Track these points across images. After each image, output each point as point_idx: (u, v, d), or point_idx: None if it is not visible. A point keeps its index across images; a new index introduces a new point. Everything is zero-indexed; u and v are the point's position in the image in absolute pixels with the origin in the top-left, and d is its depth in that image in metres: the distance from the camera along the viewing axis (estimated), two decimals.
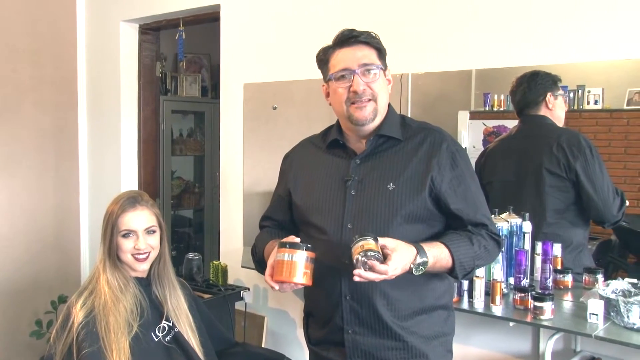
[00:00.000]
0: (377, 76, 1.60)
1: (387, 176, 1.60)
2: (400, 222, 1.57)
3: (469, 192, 1.61)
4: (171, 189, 4.82)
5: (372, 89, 1.59)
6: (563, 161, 2.16)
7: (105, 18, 3.77)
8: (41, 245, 3.78)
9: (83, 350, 1.66)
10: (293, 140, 1.89)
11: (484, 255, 1.61)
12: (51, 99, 3.80)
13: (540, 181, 2.21)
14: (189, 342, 1.83)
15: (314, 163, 1.74)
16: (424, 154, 1.60)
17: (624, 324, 1.86)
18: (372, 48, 1.62)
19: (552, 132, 2.24)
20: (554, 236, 2.19)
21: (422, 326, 1.62)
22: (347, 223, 1.60)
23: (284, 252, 1.49)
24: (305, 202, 1.71)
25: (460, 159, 1.62)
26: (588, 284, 2.15)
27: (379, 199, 1.59)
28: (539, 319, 1.94)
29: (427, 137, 1.63)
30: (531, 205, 2.22)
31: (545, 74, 2.22)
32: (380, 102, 1.62)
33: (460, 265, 1.54)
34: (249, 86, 3.10)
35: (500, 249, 1.67)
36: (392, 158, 1.62)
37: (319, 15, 2.82)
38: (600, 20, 2.12)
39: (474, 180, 1.66)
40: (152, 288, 1.86)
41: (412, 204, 1.57)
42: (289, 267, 1.47)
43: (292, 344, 2.99)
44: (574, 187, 2.17)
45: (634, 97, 2.12)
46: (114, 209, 1.82)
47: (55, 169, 3.85)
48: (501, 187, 2.33)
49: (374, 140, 1.64)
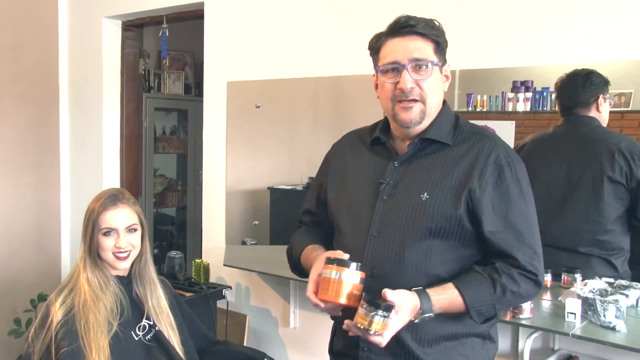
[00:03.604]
0: (429, 73, 1.42)
1: (423, 184, 1.43)
2: (428, 236, 1.41)
3: (510, 214, 1.40)
4: (154, 186, 4.79)
5: (421, 87, 1.42)
6: (626, 169, 2.07)
7: (88, 14, 3.74)
8: (21, 242, 3.73)
9: (62, 349, 1.65)
10: (276, 138, 1.89)
11: (511, 300, 1.42)
12: (32, 95, 3.75)
13: (600, 188, 2.11)
14: (169, 340, 1.82)
15: (354, 159, 1.59)
16: (468, 164, 1.42)
17: (601, 323, 1.88)
18: (428, 40, 1.44)
19: (610, 137, 2.15)
20: (605, 243, 2.14)
21: (450, 354, 1.45)
22: (373, 230, 1.46)
23: (330, 269, 1.34)
24: (336, 201, 1.58)
25: (510, 174, 1.41)
26: (566, 283, 2.16)
27: (409, 208, 1.43)
28: (518, 317, 1.96)
29: (476, 145, 1.44)
30: (584, 211, 2.15)
31: (599, 74, 2.12)
32: (430, 102, 1.44)
33: (476, 313, 1.38)
34: (232, 84, 3.09)
35: (538, 288, 1.43)
36: (434, 164, 1.45)
37: (304, 13, 2.82)
38: (582, 24, 2.15)
39: (525, 202, 1.43)
40: (133, 286, 1.85)
41: (444, 218, 1.40)
42: (335, 286, 1.33)
43: (274, 343, 3.00)
44: (630, 195, 2.09)
45: (614, 100, 2.14)
46: (95, 206, 1.81)
47: (36, 165, 3.80)
48: (544, 189, 2.19)
49: (417, 143, 1.47)
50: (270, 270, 2.79)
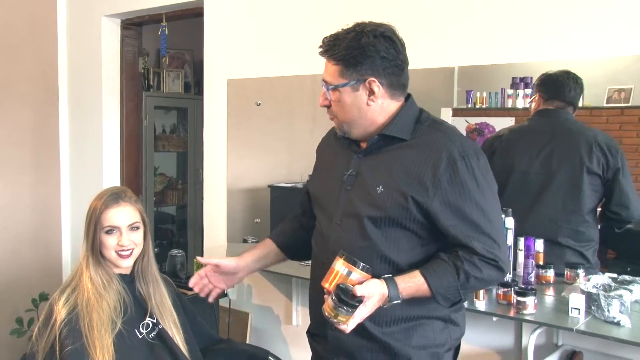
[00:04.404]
0: (334, 95, 1.52)
1: (380, 177, 1.51)
2: (383, 226, 1.50)
3: (467, 207, 1.45)
4: (154, 185, 4.78)
5: (332, 106, 1.55)
6: (603, 160, 2.13)
7: (87, 13, 3.72)
8: (21, 242, 3.73)
9: (66, 347, 1.64)
10: (282, 136, 1.90)
11: (475, 285, 1.50)
12: (31, 94, 3.75)
13: (579, 179, 2.17)
14: (173, 338, 1.82)
15: (329, 152, 1.71)
16: (423, 160, 1.47)
17: (605, 318, 1.88)
18: (333, 63, 1.51)
19: (587, 130, 2.21)
20: (580, 234, 2.20)
21: (410, 334, 1.54)
22: (337, 219, 1.56)
23: (340, 262, 1.45)
24: (313, 194, 1.72)
25: (464, 167, 1.45)
26: (569, 279, 2.17)
27: (366, 199, 1.52)
28: (522, 313, 1.96)
29: (433, 141, 1.49)
30: (562, 202, 2.21)
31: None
32: (344, 119, 1.54)
33: (442, 298, 1.48)
34: (232, 82, 3.08)
35: (501, 273, 1.50)
36: (392, 158, 1.52)
37: (304, 11, 2.82)
38: (582, 19, 2.14)
39: (481, 193, 1.47)
40: (136, 285, 1.84)
41: (397, 211, 1.48)
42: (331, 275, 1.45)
43: (277, 341, 2.99)
44: (605, 187, 2.16)
45: (613, 95, 2.14)
46: (97, 205, 1.80)
47: (36, 165, 3.80)
48: (521, 179, 2.27)
49: (375, 139, 1.55)
50: (273, 268, 2.77)
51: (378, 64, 1.48)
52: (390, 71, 1.50)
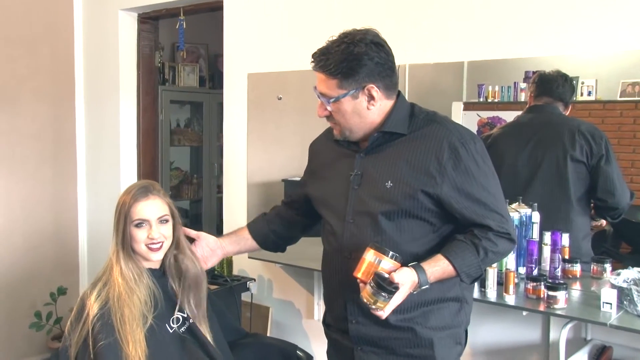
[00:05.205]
0: (334, 106, 1.58)
1: (387, 173, 1.59)
2: (396, 218, 1.58)
3: (474, 190, 1.55)
4: (170, 179, 4.78)
5: (333, 116, 1.61)
6: (586, 148, 2.18)
7: (104, 6, 3.72)
8: (39, 236, 3.73)
9: (99, 342, 1.64)
10: (298, 130, 1.91)
11: (492, 258, 1.59)
12: (48, 88, 3.75)
13: (564, 167, 2.23)
14: (203, 332, 1.81)
15: (328, 156, 1.77)
16: (425, 150, 1.56)
17: (637, 313, 1.88)
18: (330, 77, 1.56)
19: (571, 120, 2.27)
20: (565, 222, 2.23)
21: (429, 317, 1.62)
22: (349, 218, 1.63)
23: (371, 252, 1.51)
24: (317, 196, 1.78)
25: (465, 153, 1.54)
26: (596, 273, 2.17)
27: (377, 196, 1.59)
28: (553, 308, 1.96)
29: (430, 132, 1.58)
30: (549, 192, 2.26)
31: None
32: (347, 125, 1.61)
33: (466, 275, 1.56)
34: (252, 76, 3.07)
35: (513, 244, 1.62)
36: (395, 153, 1.60)
37: (324, 3, 2.80)
38: (594, 13, 2.13)
39: (484, 175, 1.58)
40: (168, 279, 1.84)
41: (409, 203, 1.56)
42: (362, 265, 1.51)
43: (297, 335, 2.99)
44: (590, 174, 2.19)
45: (627, 89, 2.13)
46: (126, 199, 1.79)
47: (53, 159, 3.80)
48: (510, 171, 2.32)
49: (375, 137, 1.62)
50: (294, 262, 2.77)
51: (374, 70, 1.55)
52: (385, 74, 1.57)
